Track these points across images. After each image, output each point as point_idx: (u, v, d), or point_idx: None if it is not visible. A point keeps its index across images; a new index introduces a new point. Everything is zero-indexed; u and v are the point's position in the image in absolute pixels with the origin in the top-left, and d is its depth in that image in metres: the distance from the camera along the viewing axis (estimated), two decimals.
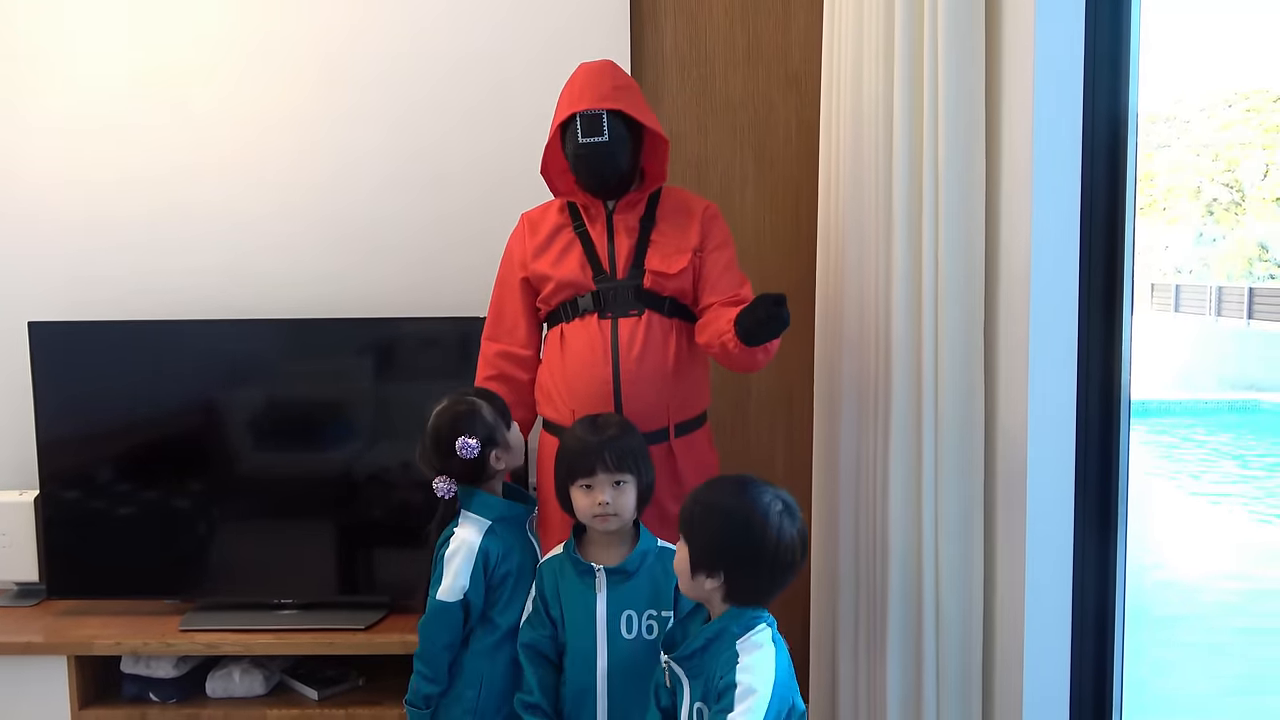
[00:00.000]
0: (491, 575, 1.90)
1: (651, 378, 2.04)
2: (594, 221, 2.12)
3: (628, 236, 2.09)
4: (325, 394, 2.54)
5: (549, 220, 2.17)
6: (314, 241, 2.67)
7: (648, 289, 2.07)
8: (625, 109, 2.02)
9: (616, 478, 1.81)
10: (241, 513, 2.56)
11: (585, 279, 2.08)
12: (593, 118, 1.99)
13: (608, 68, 2.08)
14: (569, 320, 2.10)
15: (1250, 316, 14.96)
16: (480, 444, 1.89)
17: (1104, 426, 1.95)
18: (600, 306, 2.07)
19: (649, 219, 2.11)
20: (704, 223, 2.13)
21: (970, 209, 1.98)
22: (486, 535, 1.91)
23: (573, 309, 2.10)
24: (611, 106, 2.00)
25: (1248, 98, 20.77)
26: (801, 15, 2.63)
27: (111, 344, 2.52)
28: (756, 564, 1.59)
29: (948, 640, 2.04)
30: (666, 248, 2.09)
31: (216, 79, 2.64)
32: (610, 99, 2.01)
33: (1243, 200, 20.54)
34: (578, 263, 2.09)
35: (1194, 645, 4.81)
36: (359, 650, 2.42)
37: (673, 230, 2.11)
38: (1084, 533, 1.94)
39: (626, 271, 2.08)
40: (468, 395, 1.96)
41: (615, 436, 1.82)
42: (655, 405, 2.04)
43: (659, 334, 2.06)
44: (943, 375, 2.01)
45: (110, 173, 2.67)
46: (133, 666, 2.50)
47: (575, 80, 2.08)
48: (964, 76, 1.95)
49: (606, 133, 2.00)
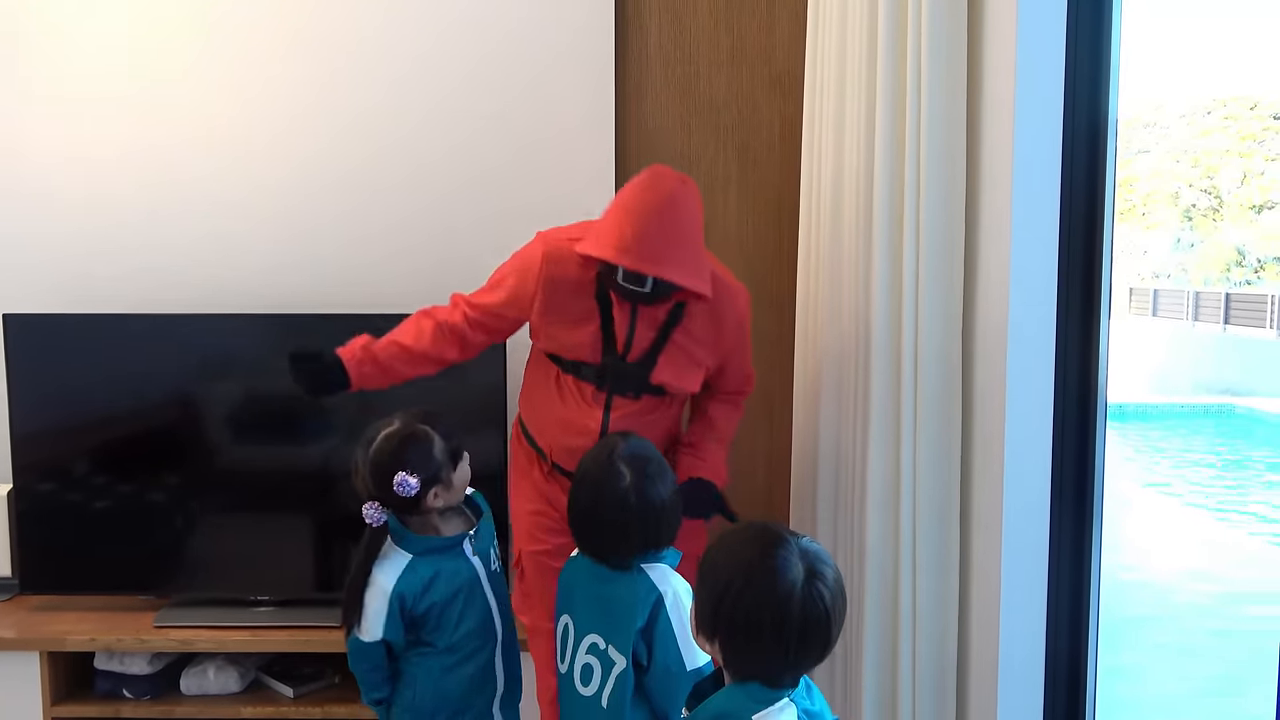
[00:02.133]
0: (411, 613, 1.83)
1: None
2: (620, 306, 1.97)
3: (650, 329, 1.99)
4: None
5: (571, 277, 1.98)
6: (292, 237, 2.66)
7: (651, 385, 2.02)
8: (673, 279, 1.86)
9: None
10: (218, 509, 2.54)
11: (594, 354, 2.00)
12: (636, 275, 1.86)
13: (668, 209, 1.86)
14: (565, 372, 2.05)
15: (1227, 321, 15.12)
16: (420, 483, 1.77)
17: (1081, 429, 1.96)
18: (600, 380, 2.01)
19: (676, 313, 2.00)
20: (734, 332, 2.06)
21: (950, 212, 1.99)
22: (404, 574, 1.82)
23: (571, 368, 2.04)
24: (657, 275, 1.85)
25: (1226, 105, 20.98)
26: (786, 17, 2.64)
27: (87, 337, 2.50)
28: (758, 634, 1.29)
29: (923, 641, 2.06)
30: (685, 356, 2.01)
31: (198, 76, 2.62)
32: (659, 264, 1.84)
33: (1220, 206, 20.76)
34: (591, 337, 1.99)
35: (1165, 646, 4.87)
36: (336, 648, 2.40)
37: (698, 336, 2.01)
38: (1059, 534, 1.96)
39: (638, 358, 2.00)
40: (418, 422, 1.81)
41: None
42: None
43: (650, 414, 2.05)
44: (921, 377, 2.02)
45: (90, 166, 2.64)
46: (106, 663, 2.48)
47: (633, 214, 1.87)
48: (946, 81, 1.96)
49: (649, 287, 1.87)
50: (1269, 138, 20.57)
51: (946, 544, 2.04)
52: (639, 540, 1.71)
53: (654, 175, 1.92)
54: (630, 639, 1.65)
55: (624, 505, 1.70)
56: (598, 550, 1.75)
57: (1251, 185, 20.42)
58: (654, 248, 1.85)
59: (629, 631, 1.66)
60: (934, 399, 2.02)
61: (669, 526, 1.75)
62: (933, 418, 2.02)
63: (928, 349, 2.01)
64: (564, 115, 2.62)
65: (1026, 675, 1.97)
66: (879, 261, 2.06)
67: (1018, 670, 1.96)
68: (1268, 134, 20.58)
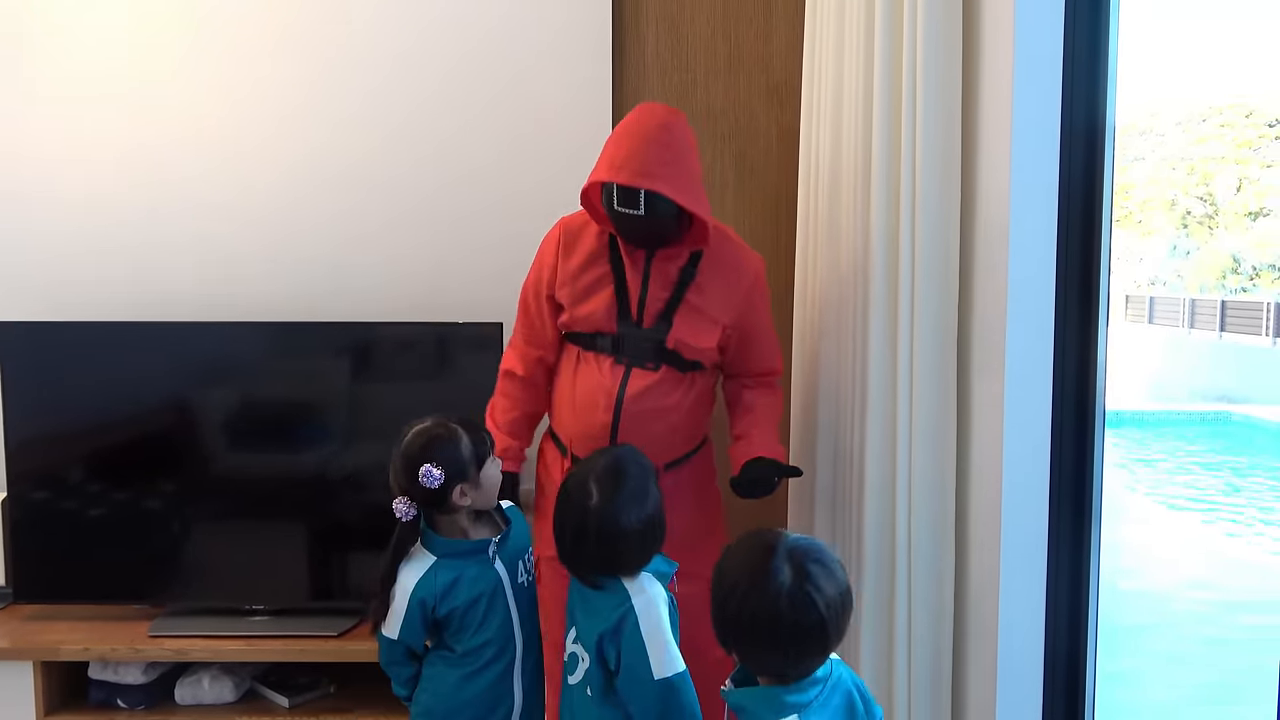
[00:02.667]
0: (433, 614, 1.85)
1: (649, 429, 2.00)
2: (633, 263, 2.00)
3: (663, 289, 1.99)
4: (299, 398, 2.52)
5: (585, 244, 2.03)
6: (288, 243, 2.65)
7: (670, 349, 2.00)
8: (664, 191, 1.87)
9: None
10: (213, 518, 2.53)
11: (609, 322, 2.00)
12: (629, 191, 1.88)
13: (658, 132, 1.91)
14: (585, 349, 2.04)
15: (1223, 329, 15.15)
16: (445, 475, 1.80)
17: (1078, 436, 1.96)
18: (617, 351, 2.01)
19: (690, 271, 2.00)
20: (749, 296, 2.04)
21: (947, 219, 1.99)
22: (426, 576, 1.84)
23: (590, 343, 2.03)
24: (649, 187, 1.86)
25: (1221, 112, 21.05)
26: (783, 26, 2.64)
27: (82, 345, 2.49)
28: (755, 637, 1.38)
29: (920, 651, 2.05)
30: (699, 315, 2.00)
31: (195, 83, 2.62)
32: (651, 177, 1.86)
33: (1216, 214, 20.82)
34: (605, 303, 2.00)
35: (1162, 654, 4.86)
36: (331, 658, 2.40)
37: (711, 296, 2.00)
38: (1057, 540, 1.96)
39: (653, 323, 1.99)
40: (450, 421, 1.86)
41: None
42: (649, 450, 1.99)
43: (668, 387, 2.01)
44: (919, 383, 2.02)
45: (84, 175, 2.64)
46: (100, 672, 2.46)
47: (624, 137, 1.92)
48: (943, 89, 1.96)
49: (643, 208, 1.88)
50: (1264, 145, 20.64)
51: (943, 550, 2.04)
52: (595, 562, 1.71)
53: (644, 107, 1.98)
54: (593, 641, 1.68)
55: (582, 526, 1.69)
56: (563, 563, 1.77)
57: (1247, 192, 20.48)
58: (645, 164, 1.87)
59: (592, 634, 1.69)
60: (932, 404, 2.02)
61: (631, 551, 1.70)
62: (930, 423, 2.02)
63: (925, 355, 2.01)
64: (561, 123, 2.62)
65: (1025, 681, 1.96)
66: (876, 268, 2.06)
67: (1016, 676, 1.95)
68: (1263, 141, 20.65)
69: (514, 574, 1.91)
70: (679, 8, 2.65)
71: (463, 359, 2.49)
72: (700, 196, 1.95)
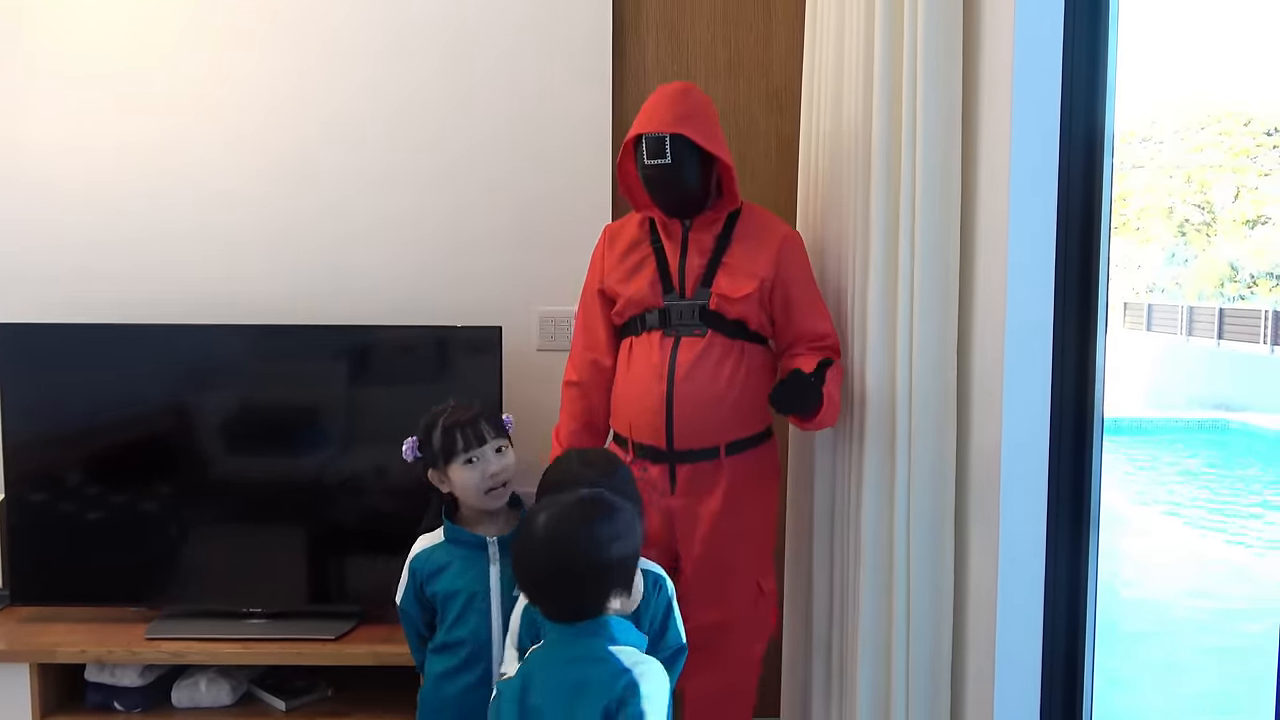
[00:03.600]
0: (421, 592, 1.87)
1: (703, 398, 2.05)
2: (670, 238, 2.13)
3: (700, 255, 2.11)
4: (298, 402, 2.52)
5: (627, 234, 2.19)
6: (288, 249, 2.65)
7: (713, 310, 2.08)
8: (689, 134, 2.02)
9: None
10: (210, 520, 2.53)
11: (654, 296, 2.11)
12: (656, 141, 2.02)
13: (679, 92, 2.08)
14: (637, 334, 2.13)
15: (1220, 337, 15.16)
16: (419, 454, 1.87)
17: (1077, 443, 1.96)
18: (665, 324, 2.09)
19: (725, 238, 2.12)
20: (781, 251, 2.13)
21: (947, 226, 2.00)
22: (426, 550, 1.88)
23: (640, 324, 2.13)
24: (674, 131, 2.02)
25: (1220, 120, 21.09)
26: (783, 32, 2.65)
27: (79, 347, 2.49)
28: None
29: (918, 657, 2.05)
30: (736, 270, 2.10)
31: (196, 86, 2.62)
32: (674, 124, 2.02)
33: (1214, 222, 20.85)
34: (649, 280, 2.12)
35: (1159, 662, 4.86)
36: (329, 661, 2.39)
37: (747, 253, 2.11)
38: (1055, 549, 1.96)
39: (694, 290, 2.10)
40: (455, 409, 1.88)
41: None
42: (707, 425, 2.06)
43: (718, 355, 2.08)
44: (917, 391, 2.02)
45: (84, 177, 2.64)
46: (97, 675, 2.46)
47: (648, 102, 2.10)
48: (942, 96, 1.96)
49: (669, 155, 2.02)
50: (1262, 153, 20.68)
51: (941, 557, 2.04)
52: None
53: (665, 85, 2.14)
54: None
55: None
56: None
57: (1245, 201, 20.51)
58: (667, 114, 2.03)
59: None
60: (930, 412, 2.02)
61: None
62: (929, 431, 2.02)
63: (924, 363, 2.01)
64: (562, 128, 2.62)
65: (1023, 687, 1.96)
66: (875, 276, 2.07)
67: (1014, 682, 1.95)
68: (1261, 150, 20.69)
69: (509, 581, 1.84)
70: (679, 13, 2.65)
71: (461, 363, 2.49)
72: (722, 144, 2.07)
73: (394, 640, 2.40)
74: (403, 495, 2.46)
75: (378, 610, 2.50)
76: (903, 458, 2.04)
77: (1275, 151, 20.68)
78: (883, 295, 2.07)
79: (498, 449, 1.87)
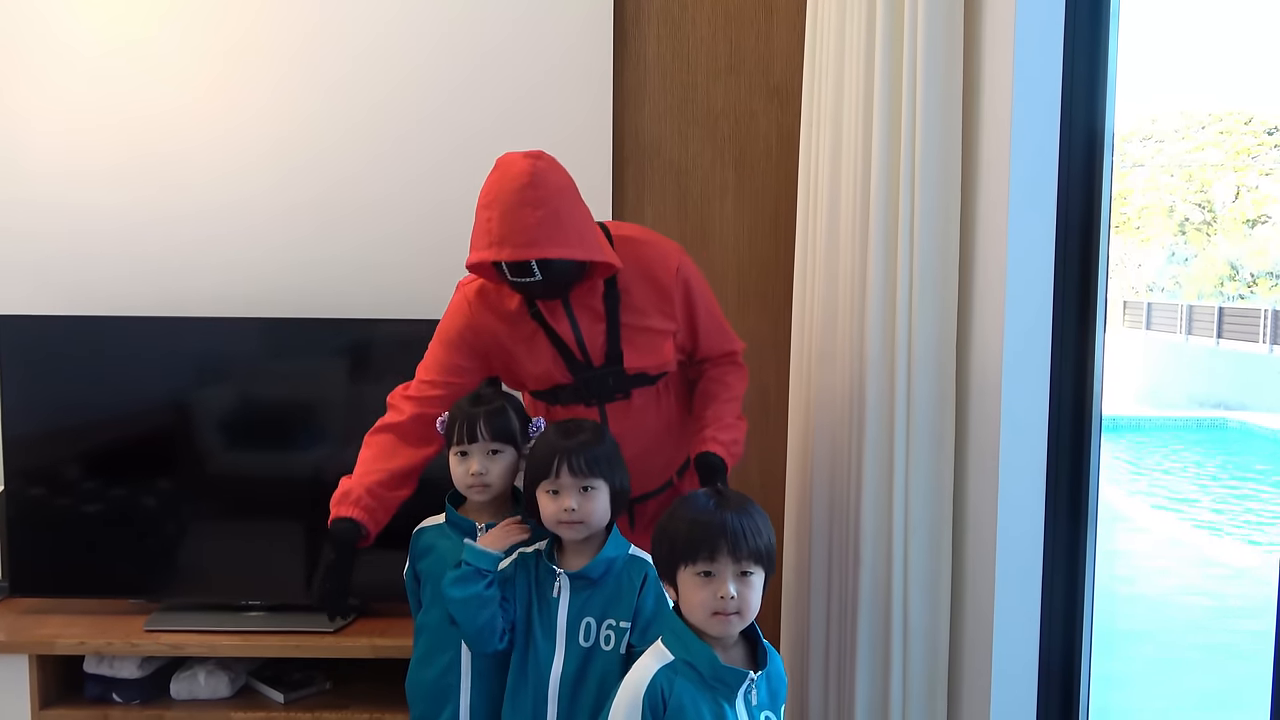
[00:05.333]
0: (414, 566, 1.90)
1: (649, 449, 1.98)
2: (552, 313, 1.90)
3: (595, 323, 1.91)
4: (298, 394, 2.52)
5: (502, 303, 1.94)
6: (288, 240, 2.65)
7: (630, 375, 1.95)
8: (553, 255, 1.74)
9: (584, 483, 1.70)
10: (210, 513, 2.53)
11: (560, 373, 1.93)
12: (519, 266, 1.75)
13: (527, 190, 1.74)
14: (550, 405, 2.00)
15: (1220, 335, 15.16)
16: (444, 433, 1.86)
17: (1075, 441, 1.97)
18: (583, 397, 1.96)
19: (612, 297, 1.91)
20: (681, 291, 1.94)
21: (947, 223, 2.00)
22: (429, 527, 1.90)
23: (553, 397, 1.98)
24: (537, 256, 1.73)
25: (1220, 120, 21.09)
26: (784, 28, 2.65)
27: (79, 340, 2.49)
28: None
29: (915, 653, 2.06)
30: (642, 333, 1.92)
31: (194, 75, 2.62)
32: (534, 246, 1.73)
33: (1214, 221, 20.85)
34: (549, 357, 1.92)
35: (1157, 660, 4.87)
36: (327, 653, 2.40)
37: (644, 309, 1.92)
38: (1053, 545, 1.96)
39: (603, 359, 1.93)
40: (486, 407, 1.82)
41: (586, 442, 1.73)
42: (656, 468, 2.01)
43: (650, 407, 1.99)
44: (916, 388, 2.02)
45: (84, 167, 2.64)
46: (96, 667, 2.46)
47: (493, 205, 1.76)
48: (943, 93, 1.97)
49: (538, 273, 1.76)
50: (1263, 153, 20.68)
51: (940, 555, 2.04)
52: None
53: (502, 162, 1.81)
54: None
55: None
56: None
57: (1245, 200, 20.51)
58: (524, 232, 1.73)
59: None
60: (929, 409, 2.02)
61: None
62: (927, 428, 2.03)
63: (923, 360, 2.01)
64: (562, 123, 2.62)
65: (1020, 686, 1.97)
66: (875, 272, 2.07)
67: (1011, 681, 1.96)
68: (1261, 149, 20.69)
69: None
70: (680, 9, 2.65)
71: None
72: (592, 238, 1.81)
73: (392, 633, 2.40)
74: None
75: (376, 603, 2.51)
76: (901, 455, 2.04)
77: (1276, 150, 20.67)
78: (882, 292, 2.07)
79: (493, 451, 1.82)
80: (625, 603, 1.71)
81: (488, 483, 1.82)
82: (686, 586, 1.44)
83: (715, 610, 1.41)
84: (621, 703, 1.46)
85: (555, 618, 1.73)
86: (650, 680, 1.44)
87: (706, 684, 1.43)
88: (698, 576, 1.43)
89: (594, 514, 1.71)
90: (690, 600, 1.44)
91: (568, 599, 1.73)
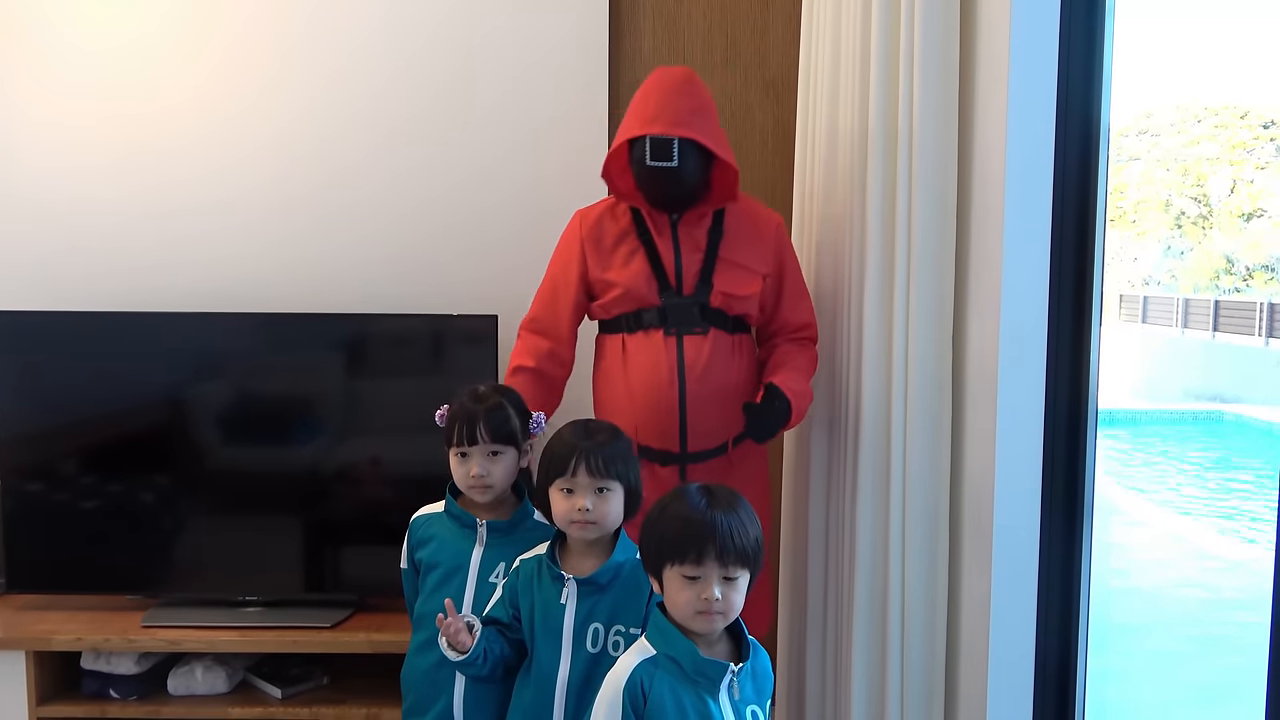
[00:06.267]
0: (412, 555, 1.90)
1: (717, 397, 2.02)
2: (659, 232, 2.04)
3: (695, 251, 2.04)
4: (295, 390, 2.52)
5: (610, 224, 2.09)
6: (283, 235, 2.65)
7: (714, 308, 2.03)
8: (698, 138, 1.95)
9: (600, 484, 1.67)
10: (207, 508, 2.53)
11: (650, 293, 2.03)
12: (663, 143, 1.94)
13: (685, 85, 1.99)
14: (630, 332, 2.05)
15: (1216, 329, 15.18)
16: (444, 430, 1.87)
17: (1071, 434, 1.97)
18: (665, 323, 2.03)
19: (716, 232, 2.05)
20: (777, 246, 2.10)
21: (943, 217, 2.00)
22: (424, 518, 1.91)
23: (635, 321, 2.05)
24: (685, 134, 1.94)
25: (1216, 113, 21.10)
26: (779, 21, 2.64)
27: (77, 335, 2.48)
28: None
29: (913, 648, 2.06)
30: (736, 268, 2.05)
31: (190, 69, 2.62)
32: (684, 125, 1.94)
33: (1210, 214, 20.87)
34: (643, 276, 2.03)
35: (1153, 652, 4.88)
36: (324, 649, 2.40)
37: (743, 249, 2.06)
38: (1049, 539, 1.96)
39: (694, 288, 2.03)
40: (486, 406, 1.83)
41: (604, 442, 1.70)
42: (719, 423, 2.04)
43: (724, 352, 2.04)
44: (913, 382, 2.02)
45: (80, 163, 2.63)
46: (93, 663, 2.46)
47: (651, 93, 2.00)
48: (939, 86, 1.96)
49: (676, 159, 1.94)
50: (1259, 146, 20.69)
51: (936, 549, 2.05)
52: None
53: (662, 69, 2.06)
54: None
55: None
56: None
57: (1241, 194, 20.53)
58: (676, 115, 1.94)
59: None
60: (925, 402, 2.02)
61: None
62: (924, 421, 2.03)
63: (919, 353, 2.01)
64: (557, 116, 2.62)
65: (1016, 681, 1.97)
66: (871, 266, 2.07)
67: (1008, 676, 1.96)
68: (1257, 143, 20.70)
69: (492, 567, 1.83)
70: (675, 2, 2.65)
71: (457, 351, 2.49)
72: (726, 145, 2.02)
73: (389, 628, 2.40)
74: (398, 484, 2.47)
75: (373, 598, 2.51)
76: (898, 449, 2.04)
77: (1272, 144, 20.69)
78: (879, 287, 2.07)
79: (493, 453, 1.82)
80: (634, 608, 1.69)
81: (489, 484, 1.82)
82: (671, 585, 1.45)
83: (699, 610, 1.43)
84: (603, 698, 1.46)
85: (561, 623, 1.70)
86: (630, 674, 1.44)
87: (688, 677, 1.43)
88: (683, 578, 1.44)
89: (608, 516, 1.69)
90: (675, 599, 1.45)
91: (574, 605, 1.70)
